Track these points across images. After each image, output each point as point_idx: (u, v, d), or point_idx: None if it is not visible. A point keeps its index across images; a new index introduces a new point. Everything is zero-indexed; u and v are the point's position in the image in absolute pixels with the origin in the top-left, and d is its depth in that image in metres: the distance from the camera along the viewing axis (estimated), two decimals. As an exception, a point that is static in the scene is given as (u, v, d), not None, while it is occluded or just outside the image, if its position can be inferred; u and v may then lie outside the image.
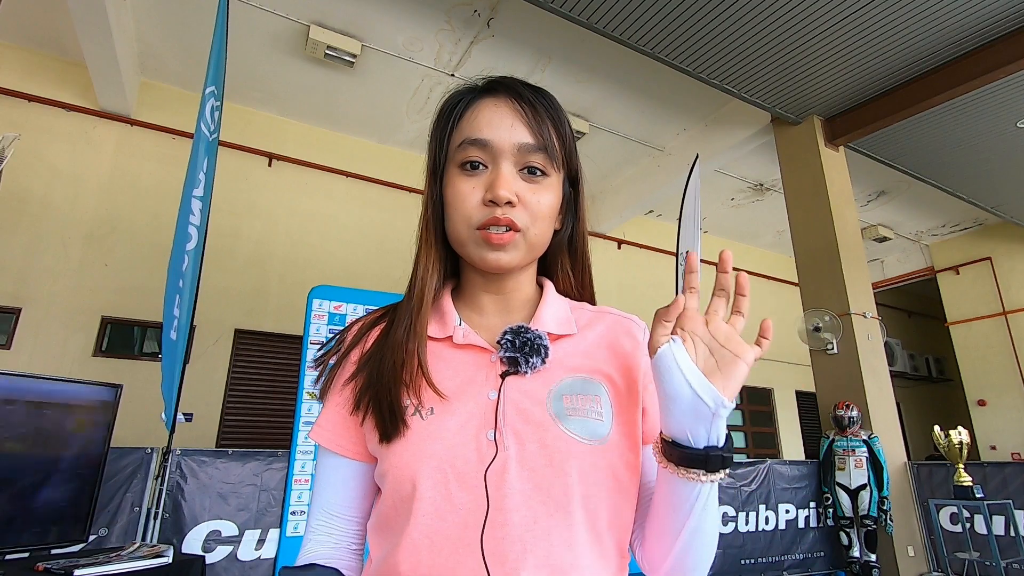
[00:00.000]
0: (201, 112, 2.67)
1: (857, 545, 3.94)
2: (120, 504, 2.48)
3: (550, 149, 0.66)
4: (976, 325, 7.53)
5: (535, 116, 0.67)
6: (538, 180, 0.66)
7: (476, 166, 0.65)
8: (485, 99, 0.69)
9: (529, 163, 0.65)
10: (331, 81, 4.89)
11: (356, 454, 0.66)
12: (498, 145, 0.65)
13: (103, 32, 3.71)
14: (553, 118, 0.68)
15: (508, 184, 0.63)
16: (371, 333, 0.71)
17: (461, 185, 0.65)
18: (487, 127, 0.66)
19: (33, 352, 4.04)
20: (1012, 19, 3.79)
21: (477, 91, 0.71)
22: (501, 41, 4.44)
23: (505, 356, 0.63)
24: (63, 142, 4.46)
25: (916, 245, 8.15)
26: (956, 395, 8.06)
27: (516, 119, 0.66)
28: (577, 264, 0.77)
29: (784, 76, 4.36)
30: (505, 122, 0.66)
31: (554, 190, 0.67)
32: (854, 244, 4.69)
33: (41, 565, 1.67)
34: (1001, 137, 5.08)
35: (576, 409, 0.61)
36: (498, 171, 0.64)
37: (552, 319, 0.68)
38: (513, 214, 0.63)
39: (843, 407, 4.06)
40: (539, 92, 0.70)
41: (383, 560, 0.58)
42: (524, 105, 0.67)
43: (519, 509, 0.55)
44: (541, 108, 0.68)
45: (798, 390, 7.89)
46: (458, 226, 0.66)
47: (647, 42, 3.99)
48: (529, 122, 0.66)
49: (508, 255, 0.65)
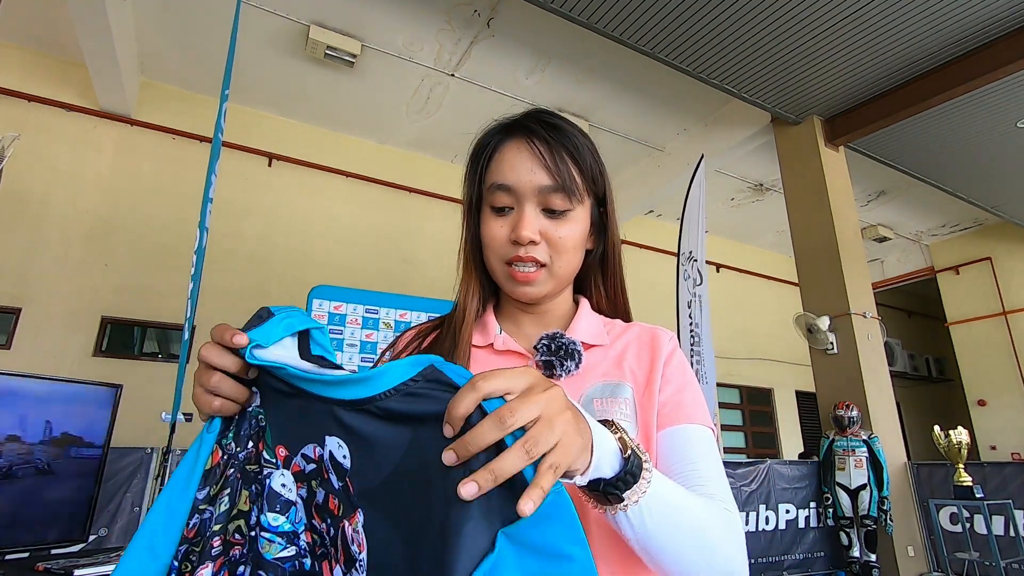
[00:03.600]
0: (219, 118, 2.67)
1: (857, 545, 3.94)
2: (120, 504, 2.48)
3: (569, 186, 0.70)
4: (976, 325, 7.53)
5: (552, 155, 0.71)
6: (560, 216, 0.71)
7: (502, 210, 0.72)
8: (508, 142, 0.74)
9: (549, 204, 0.70)
10: (331, 81, 4.89)
11: None
12: (519, 189, 0.70)
13: (103, 32, 3.71)
14: (571, 152, 0.72)
15: (529, 225, 0.69)
16: (426, 339, 0.77)
17: (492, 224, 0.72)
18: (510, 172, 0.71)
19: (33, 352, 4.04)
20: (1012, 19, 3.79)
21: (502, 133, 0.76)
22: (501, 41, 4.44)
23: (541, 360, 0.68)
24: (63, 142, 4.45)
25: (916, 245, 8.15)
26: (956, 395, 8.06)
27: (535, 162, 0.70)
28: (609, 280, 0.81)
29: (784, 76, 4.36)
30: (525, 166, 0.70)
31: (578, 221, 0.72)
32: (854, 244, 4.69)
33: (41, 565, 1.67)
34: (1001, 137, 5.08)
35: (606, 412, 0.66)
36: (521, 213, 0.70)
37: (585, 330, 0.74)
38: (536, 251, 0.70)
39: (843, 407, 4.06)
40: (556, 129, 0.73)
41: None
42: (540, 146, 0.71)
43: None
44: (558, 145, 0.71)
45: (798, 390, 7.89)
46: (491, 261, 0.73)
47: (647, 42, 3.99)
48: (546, 163, 0.70)
49: (534, 288, 0.71)
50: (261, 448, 0.53)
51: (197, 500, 0.51)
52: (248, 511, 0.52)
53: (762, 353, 7.67)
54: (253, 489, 0.53)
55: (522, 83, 4.91)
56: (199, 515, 0.51)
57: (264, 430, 0.54)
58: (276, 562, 0.51)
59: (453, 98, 5.12)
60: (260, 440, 0.54)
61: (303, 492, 0.53)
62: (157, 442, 2.67)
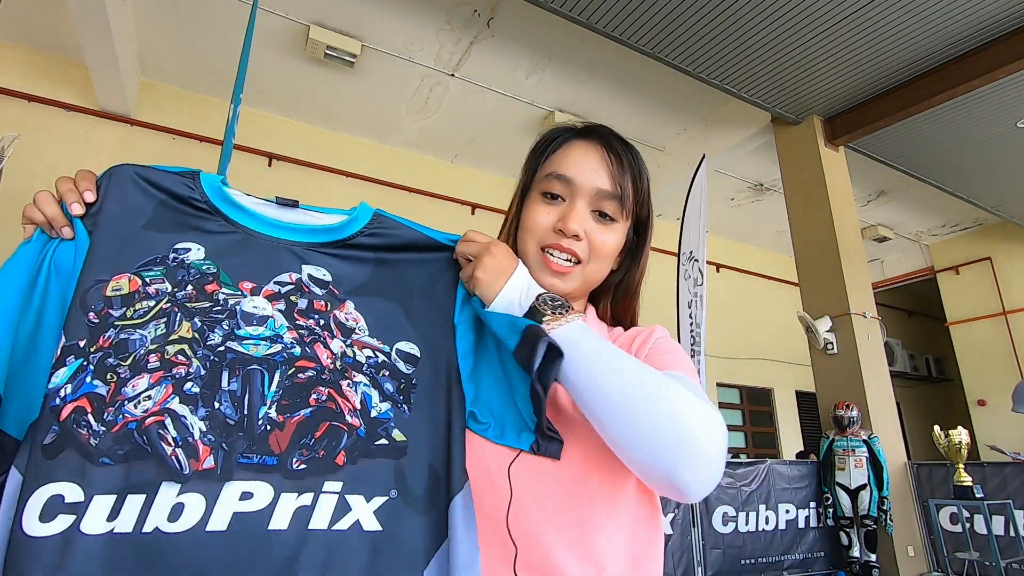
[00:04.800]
0: (232, 121, 2.67)
1: (857, 545, 3.94)
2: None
3: (624, 198, 0.73)
4: (976, 325, 7.52)
5: (619, 166, 0.74)
6: (606, 223, 0.74)
7: (555, 197, 0.74)
8: (579, 141, 0.77)
9: (602, 207, 0.73)
10: (331, 81, 4.89)
11: None
12: (579, 184, 0.73)
13: (103, 32, 3.71)
14: (634, 172, 0.75)
15: (580, 219, 0.72)
16: None
17: (539, 208, 0.75)
18: (574, 166, 0.74)
19: (33, 352, 4.04)
20: (1012, 19, 3.78)
21: (574, 132, 0.79)
22: (501, 41, 4.44)
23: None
24: (63, 142, 4.45)
25: (916, 245, 8.15)
26: (956, 395, 8.06)
27: (601, 165, 0.74)
28: (621, 304, 0.83)
29: (784, 76, 4.35)
30: (591, 165, 0.74)
31: (619, 234, 0.75)
32: (854, 244, 4.69)
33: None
34: (1001, 137, 5.08)
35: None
36: (573, 206, 0.73)
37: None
38: (577, 247, 0.72)
39: (843, 407, 4.06)
40: (627, 146, 0.77)
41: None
42: (612, 155, 0.75)
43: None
44: (626, 161, 0.75)
45: (798, 390, 7.89)
46: (526, 244, 0.75)
47: (647, 42, 3.98)
48: (612, 171, 0.74)
49: (564, 283, 0.73)
50: (215, 288, 0.62)
51: (110, 315, 0.58)
52: (192, 339, 0.58)
53: (762, 353, 7.66)
54: (197, 322, 0.59)
55: (522, 83, 4.91)
56: (116, 331, 0.57)
57: (216, 275, 0.63)
58: (267, 357, 0.60)
59: (453, 98, 5.12)
60: (210, 283, 0.62)
61: (280, 307, 0.63)
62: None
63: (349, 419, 0.60)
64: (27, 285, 0.58)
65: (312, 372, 0.61)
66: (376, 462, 0.59)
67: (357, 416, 0.60)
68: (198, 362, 0.57)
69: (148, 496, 0.51)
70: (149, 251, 0.61)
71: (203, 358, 0.58)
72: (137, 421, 0.53)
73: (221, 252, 0.64)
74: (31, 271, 0.58)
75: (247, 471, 0.54)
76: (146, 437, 0.53)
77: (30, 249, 0.59)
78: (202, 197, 0.65)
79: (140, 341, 0.57)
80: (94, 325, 0.56)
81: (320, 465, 0.57)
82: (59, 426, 0.52)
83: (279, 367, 0.60)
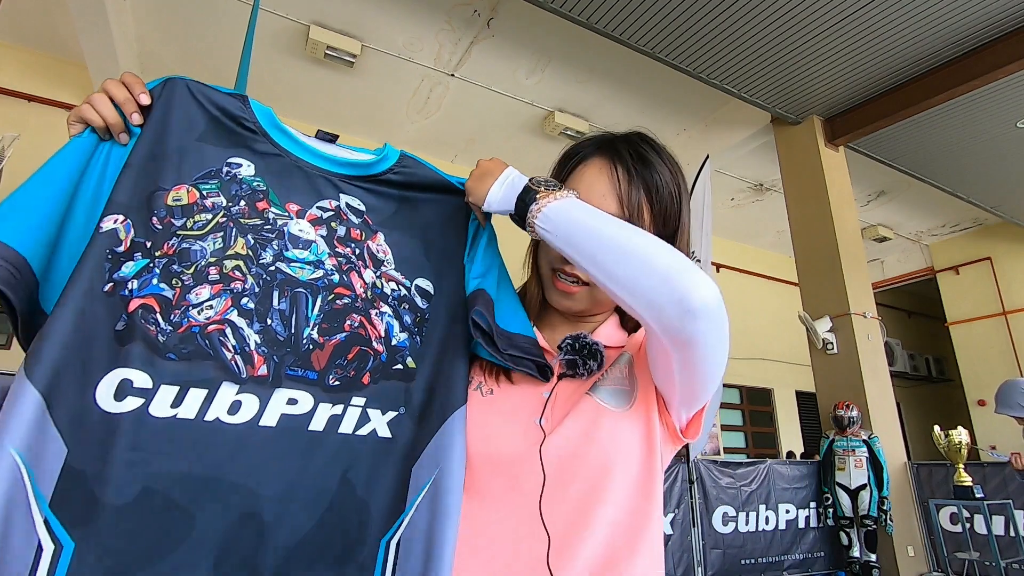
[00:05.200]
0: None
1: (857, 545, 3.94)
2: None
3: (635, 220, 0.71)
4: (976, 325, 7.52)
5: (628, 185, 0.72)
6: None
7: None
8: (593, 159, 0.76)
9: None
10: (331, 81, 4.89)
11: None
12: None
13: (103, 32, 3.71)
14: (648, 190, 0.73)
15: None
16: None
17: None
18: (585, 190, 0.73)
19: (33, 352, 4.04)
20: (1012, 19, 3.78)
21: (594, 147, 0.78)
22: (501, 41, 4.44)
23: (564, 359, 0.71)
24: (63, 142, 4.44)
25: (916, 245, 8.15)
26: (956, 395, 8.06)
27: (608, 188, 0.73)
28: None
29: (784, 76, 4.35)
30: (599, 189, 0.73)
31: None
32: (854, 244, 4.69)
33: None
34: (1001, 137, 5.08)
35: (608, 379, 0.72)
36: None
37: (606, 336, 0.77)
38: (579, 272, 0.72)
39: (843, 407, 4.06)
40: (644, 162, 0.74)
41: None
42: (621, 174, 0.73)
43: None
44: (638, 179, 0.73)
45: (798, 390, 7.89)
46: (541, 263, 0.79)
47: (647, 42, 3.98)
48: (620, 192, 0.72)
49: (571, 302, 0.75)
50: (265, 206, 0.68)
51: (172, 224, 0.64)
52: (246, 256, 0.66)
53: (762, 353, 7.66)
54: (250, 239, 0.66)
55: (522, 83, 4.91)
56: (178, 240, 0.63)
57: (266, 193, 0.69)
58: (311, 282, 0.68)
59: (453, 98, 5.12)
60: (260, 200, 0.68)
61: (323, 232, 0.70)
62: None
63: (375, 345, 0.69)
64: (76, 180, 0.62)
65: (347, 300, 0.69)
66: (391, 383, 0.69)
67: (381, 343, 0.70)
68: (252, 279, 0.65)
69: (210, 391, 0.60)
70: (204, 163, 0.67)
71: (256, 276, 0.65)
72: (200, 326, 0.61)
73: (269, 171, 0.70)
74: (80, 168, 0.62)
75: (293, 381, 0.64)
76: (208, 341, 0.61)
77: (80, 145, 0.63)
78: (251, 118, 0.72)
79: (200, 252, 0.64)
80: (158, 231, 0.63)
81: (350, 383, 0.67)
82: (128, 317, 0.59)
83: (320, 292, 0.68)
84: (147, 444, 0.56)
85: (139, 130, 0.65)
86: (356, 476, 0.65)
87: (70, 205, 0.61)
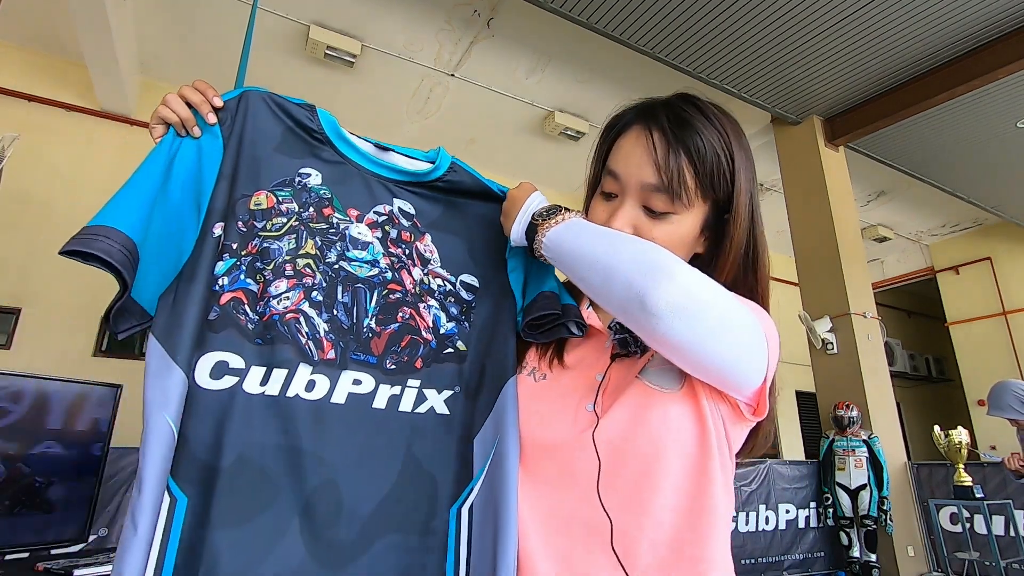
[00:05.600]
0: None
1: (857, 545, 3.94)
2: (120, 504, 2.48)
3: (675, 188, 0.67)
4: (976, 325, 7.52)
5: (667, 152, 0.68)
6: (661, 217, 0.69)
7: (610, 196, 0.73)
8: (631, 129, 0.73)
9: (649, 203, 0.69)
10: (331, 81, 4.89)
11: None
12: (625, 180, 0.70)
13: (103, 32, 3.71)
14: (690, 152, 0.68)
15: (625, 219, 0.70)
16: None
17: (596, 208, 0.75)
18: (623, 161, 0.71)
19: (33, 352, 4.04)
20: (1012, 19, 3.78)
21: (632, 115, 0.74)
22: (501, 41, 4.44)
23: (616, 339, 0.71)
24: (63, 142, 4.45)
25: (916, 245, 8.15)
26: (956, 395, 8.06)
27: (646, 157, 0.69)
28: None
29: (784, 76, 4.35)
30: (635, 160, 0.69)
31: (680, 225, 0.70)
32: (854, 244, 4.69)
33: (41, 565, 1.67)
34: (1001, 137, 5.08)
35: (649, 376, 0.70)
36: (622, 205, 0.71)
37: None
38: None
39: (843, 407, 4.06)
40: (683, 124, 0.69)
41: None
42: (657, 140, 0.68)
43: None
44: (677, 143, 0.68)
45: (798, 390, 7.88)
46: None
47: (647, 42, 3.99)
48: (658, 160, 0.68)
49: None
50: (330, 212, 0.77)
51: (255, 226, 0.72)
52: (315, 255, 0.74)
53: (762, 353, 7.65)
54: (318, 241, 0.75)
55: (522, 83, 4.91)
56: (260, 240, 0.72)
57: (331, 200, 0.78)
58: (368, 278, 0.77)
59: (453, 98, 5.12)
60: (326, 206, 0.77)
61: (378, 235, 0.79)
62: (157, 442, 2.67)
63: (424, 334, 0.77)
64: (163, 177, 0.70)
65: (399, 294, 0.78)
66: (444, 366, 0.77)
67: (430, 332, 0.78)
68: (320, 275, 0.74)
69: (289, 371, 0.68)
70: (279, 173, 0.76)
71: (324, 272, 0.74)
72: (279, 315, 0.70)
73: (333, 179, 0.79)
74: (167, 164, 0.70)
75: (356, 364, 0.73)
76: (287, 328, 0.70)
77: (164, 145, 0.71)
78: (319, 128, 0.80)
79: (278, 251, 0.72)
80: (243, 233, 0.72)
81: (405, 367, 0.75)
82: (220, 308, 0.68)
83: (376, 287, 0.77)
84: (241, 416, 0.65)
85: (218, 128, 0.73)
86: (420, 450, 0.72)
87: (156, 199, 0.69)
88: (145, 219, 0.67)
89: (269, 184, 0.75)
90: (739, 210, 0.71)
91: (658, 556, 0.62)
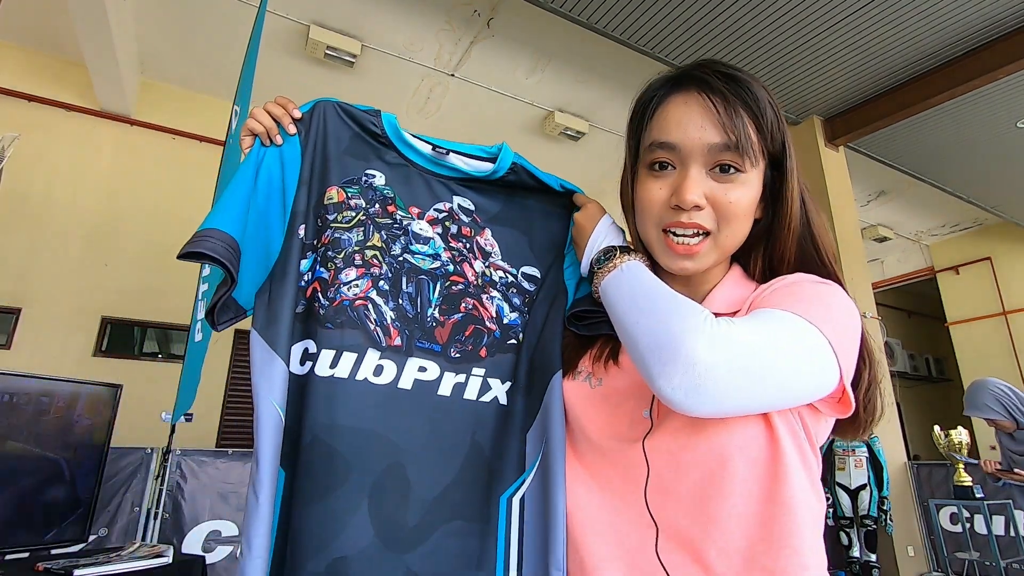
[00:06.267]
0: (232, 127, 2.67)
1: (857, 545, 3.94)
2: (120, 504, 2.48)
3: (743, 144, 0.63)
4: (976, 325, 7.52)
5: (727, 110, 0.63)
6: (731, 178, 0.64)
7: (664, 166, 0.66)
8: (675, 96, 0.68)
9: (721, 161, 0.64)
10: (331, 81, 4.89)
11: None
12: (686, 147, 0.64)
13: (103, 32, 3.71)
14: (749, 105, 0.64)
15: (695, 188, 0.63)
16: None
17: (649, 185, 0.67)
18: (676, 128, 0.65)
19: (33, 352, 4.04)
20: (1012, 19, 3.78)
21: (668, 86, 0.70)
22: (501, 41, 4.44)
23: None
24: (63, 142, 4.45)
25: (916, 245, 8.15)
26: (956, 395, 8.04)
27: (706, 118, 0.64)
28: (778, 254, 0.70)
29: (784, 76, 4.35)
30: (694, 122, 0.64)
31: (750, 185, 0.65)
32: (854, 244, 4.69)
33: (41, 565, 1.67)
34: (1001, 137, 5.08)
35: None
36: (686, 173, 0.64)
37: (722, 300, 0.68)
38: (700, 218, 0.64)
39: (843, 407, 4.05)
40: (733, 79, 0.65)
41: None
42: (715, 99, 0.64)
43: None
44: (735, 98, 0.64)
45: (798, 390, 7.88)
46: (646, 229, 0.69)
47: (647, 42, 3.99)
48: (719, 119, 0.63)
49: (695, 263, 0.66)
50: (393, 209, 0.82)
51: (327, 219, 0.77)
52: (381, 247, 0.79)
53: (762, 353, 7.66)
54: (384, 234, 0.79)
55: (522, 83, 4.91)
56: (332, 231, 0.77)
57: (393, 199, 0.82)
58: (431, 270, 0.80)
59: (453, 98, 5.12)
60: (390, 204, 0.82)
61: (439, 231, 0.83)
62: (157, 442, 2.67)
63: (488, 324, 0.80)
64: (252, 184, 0.75)
65: (462, 286, 0.81)
66: (507, 356, 0.80)
67: (494, 322, 0.81)
68: (386, 266, 0.78)
69: (359, 356, 0.72)
70: (348, 172, 0.81)
71: (389, 264, 0.78)
72: (349, 300, 0.74)
73: (396, 180, 0.84)
74: (255, 172, 0.76)
75: (422, 352, 0.76)
76: (356, 314, 0.74)
77: (251, 156, 0.77)
78: (383, 132, 0.84)
79: (347, 241, 0.77)
80: (319, 227, 0.77)
81: (469, 355, 0.78)
82: (306, 301, 0.74)
83: (439, 279, 0.80)
84: (316, 398, 0.70)
85: (297, 138, 0.79)
86: (483, 438, 0.75)
87: (250, 204, 0.75)
88: (243, 222, 0.72)
89: (340, 180, 0.80)
90: (792, 168, 0.69)
91: (731, 565, 0.58)
